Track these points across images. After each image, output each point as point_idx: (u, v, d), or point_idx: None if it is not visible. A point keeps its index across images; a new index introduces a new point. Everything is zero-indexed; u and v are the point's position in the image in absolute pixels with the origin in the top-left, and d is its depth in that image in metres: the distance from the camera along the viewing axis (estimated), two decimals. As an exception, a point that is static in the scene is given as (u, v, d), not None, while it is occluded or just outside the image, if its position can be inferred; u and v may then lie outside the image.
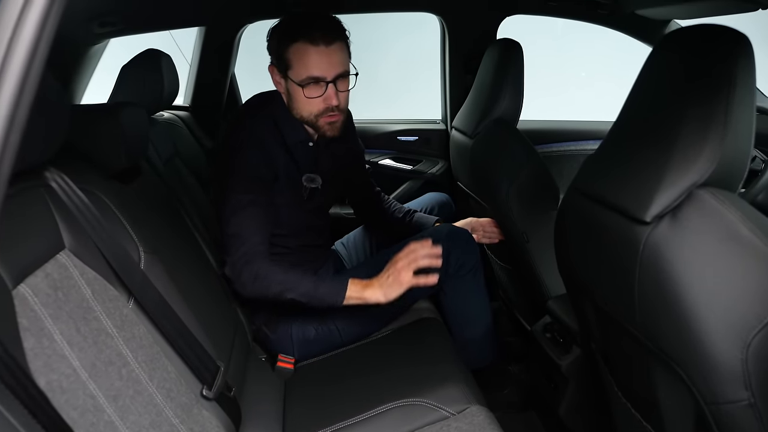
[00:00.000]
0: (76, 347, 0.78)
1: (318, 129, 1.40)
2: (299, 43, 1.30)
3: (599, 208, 0.86)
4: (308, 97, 1.34)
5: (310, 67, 1.31)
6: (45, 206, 0.84)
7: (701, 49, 0.77)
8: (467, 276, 1.54)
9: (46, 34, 0.46)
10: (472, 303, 1.58)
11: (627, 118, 0.89)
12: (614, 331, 0.95)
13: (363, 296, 1.31)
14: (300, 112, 1.38)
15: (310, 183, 1.45)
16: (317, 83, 1.33)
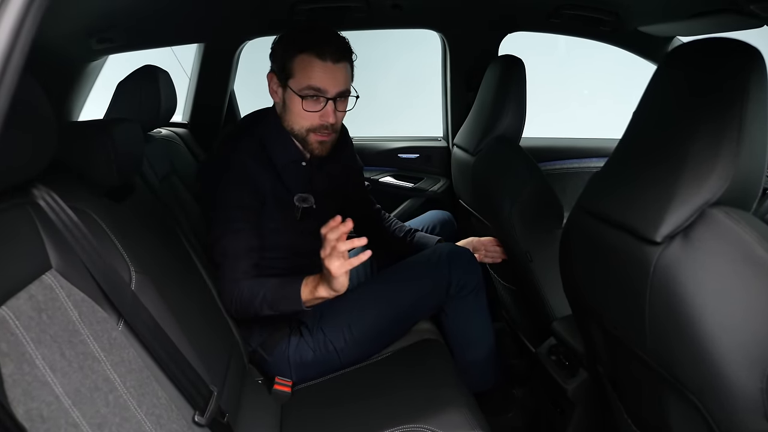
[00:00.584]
0: (59, 373, 0.74)
1: (306, 145, 1.38)
2: (306, 54, 1.30)
3: (606, 228, 0.83)
4: (306, 109, 1.32)
5: (313, 78, 1.30)
6: (31, 224, 0.81)
7: (711, 64, 0.74)
8: (469, 297, 1.51)
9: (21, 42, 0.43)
10: (474, 324, 1.55)
11: (633, 135, 0.86)
12: (623, 356, 0.92)
13: (318, 296, 1.23)
14: (291, 125, 1.37)
15: (302, 203, 1.42)
16: (317, 98, 1.32)
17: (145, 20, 1.53)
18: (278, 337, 1.43)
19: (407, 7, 1.81)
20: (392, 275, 1.52)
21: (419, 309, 1.51)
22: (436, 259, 1.50)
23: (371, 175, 2.23)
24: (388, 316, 1.46)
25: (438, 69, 2.26)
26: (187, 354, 1.01)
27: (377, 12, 1.82)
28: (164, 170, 1.61)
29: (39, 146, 0.78)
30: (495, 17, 1.96)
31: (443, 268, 1.48)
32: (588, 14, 1.82)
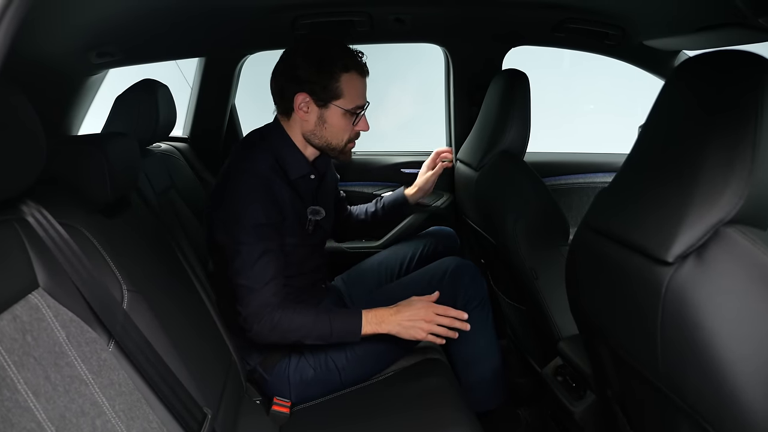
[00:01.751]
0: (43, 397, 0.71)
1: (342, 155, 1.44)
2: (352, 74, 1.35)
3: (614, 247, 0.80)
4: (355, 125, 1.40)
5: (362, 96, 1.39)
6: (17, 242, 0.78)
7: (722, 78, 0.71)
8: (474, 311, 1.48)
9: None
10: (479, 340, 1.52)
11: (642, 151, 0.83)
12: (633, 380, 0.88)
13: (378, 331, 1.32)
14: (329, 140, 1.40)
15: (315, 215, 1.44)
16: (359, 115, 1.40)
17: (144, 34, 1.52)
18: (278, 356, 1.40)
19: (410, 21, 1.80)
20: (396, 291, 1.49)
21: None
22: (441, 274, 1.48)
23: (374, 190, 2.21)
24: (391, 336, 1.42)
25: (441, 83, 2.24)
26: (180, 375, 0.98)
27: (380, 26, 1.80)
28: (163, 185, 1.59)
29: (25, 162, 0.76)
30: (498, 31, 1.94)
31: (448, 282, 1.46)
32: (592, 28, 1.80)
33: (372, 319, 1.31)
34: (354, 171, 2.22)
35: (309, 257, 1.47)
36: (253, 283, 1.26)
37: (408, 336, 1.31)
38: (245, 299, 1.27)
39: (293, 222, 1.38)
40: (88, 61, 1.52)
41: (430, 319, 1.30)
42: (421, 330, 1.30)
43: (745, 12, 1.23)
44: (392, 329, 1.31)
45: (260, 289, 1.26)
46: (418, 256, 1.75)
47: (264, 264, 1.27)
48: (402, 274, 1.73)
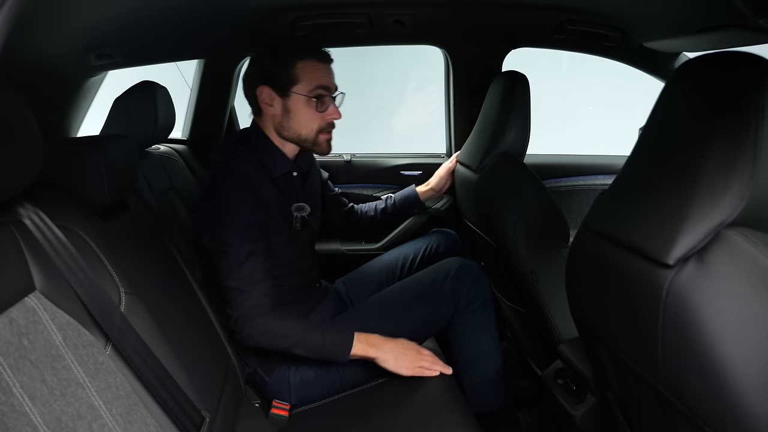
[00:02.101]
0: (39, 401, 0.71)
1: (316, 146, 1.42)
2: (308, 60, 1.35)
3: (614, 249, 0.79)
4: (318, 110, 1.37)
5: (322, 78, 1.36)
6: (14, 244, 0.78)
7: (723, 79, 0.71)
8: (477, 311, 1.49)
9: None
10: (481, 340, 1.52)
11: (642, 153, 0.83)
12: (634, 383, 0.87)
13: (367, 355, 1.32)
14: (299, 131, 1.39)
15: (300, 212, 1.43)
16: (323, 99, 1.37)
17: (144, 36, 1.52)
18: (278, 358, 1.39)
19: (410, 23, 1.79)
20: (400, 292, 1.50)
21: (427, 328, 1.49)
22: (444, 275, 1.48)
23: (374, 192, 2.20)
24: (394, 336, 1.42)
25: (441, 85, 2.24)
26: (178, 378, 0.98)
27: (379, 28, 1.80)
28: (162, 187, 1.58)
29: (22, 164, 0.75)
30: (498, 33, 1.94)
31: (452, 283, 1.47)
32: (592, 30, 1.80)
33: (363, 340, 1.32)
34: (354, 173, 2.21)
35: (300, 256, 1.47)
36: (243, 285, 1.26)
37: (392, 367, 1.32)
38: (235, 301, 1.27)
39: (280, 220, 1.38)
40: (88, 63, 1.51)
41: (417, 362, 1.34)
42: (406, 368, 1.33)
43: (746, 13, 1.23)
44: (380, 356, 1.32)
45: (250, 290, 1.26)
46: (420, 258, 1.75)
47: (252, 265, 1.27)
48: (403, 275, 1.73)
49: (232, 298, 1.27)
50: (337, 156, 2.25)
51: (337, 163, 2.21)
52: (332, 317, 1.50)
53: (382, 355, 1.32)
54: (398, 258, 1.77)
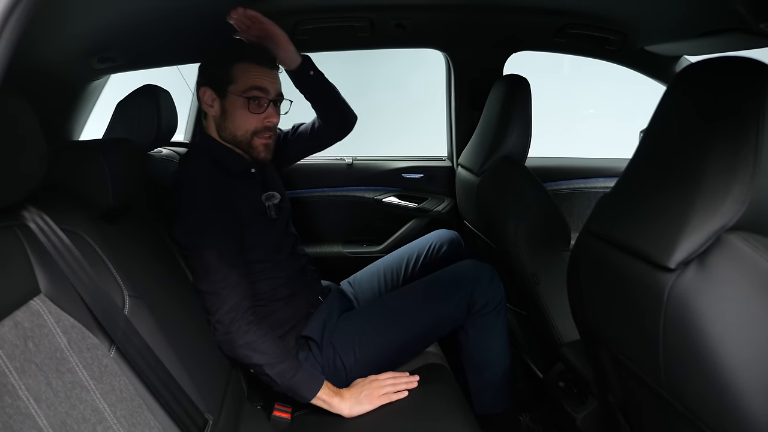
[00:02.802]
0: (44, 404, 0.71)
1: (251, 149, 1.40)
2: (245, 62, 1.34)
3: (616, 253, 0.79)
4: (251, 111, 1.35)
5: (256, 79, 1.34)
6: (19, 248, 0.78)
7: (723, 84, 0.71)
8: (490, 315, 1.49)
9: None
10: (492, 344, 1.52)
11: (644, 157, 0.83)
12: (635, 386, 0.88)
13: (330, 402, 1.29)
14: (234, 132, 1.38)
15: (271, 200, 1.44)
16: (259, 101, 1.35)
17: (146, 40, 1.52)
18: None
19: (411, 26, 1.80)
20: (412, 294, 1.50)
21: (437, 330, 1.49)
22: (459, 278, 1.48)
23: (375, 195, 2.21)
24: (404, 337, 1.44)
25: (442, 88, 2.24)
26: (182, 381, 0.98)
27: (380, 31, 1.81)
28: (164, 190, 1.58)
29: (26, 168, 0.76)
30: (499, 36, 1.95)
31: (466, 286, 1.46)
32: (593, 33, 1.80)
33: (330, 388, 1.30)
34: (355, 176, 2.22)
35: (283, 240, 1.47)
36: (218, 289, 1.25)
37: (362, 410, 1.29)
38: (212, 306, 1.25)
39: (252, 213, 1.38)
40: (90, 67, 1.52)
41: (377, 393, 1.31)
42: (375, 401, 1.30)
43: (747, 17, 1.24)
44: (342, 406, 1.29)
45: (226, 294, 1.24)
46: (423, 258, 1.75)
47: (225, 268, 1.26)
48: (408, 275, 1.73)
49: (208, 303, 1.26)
50: (339, 159, 2.25)
51: (338, 166, 2.22)
52: (339, 314, 1.49)
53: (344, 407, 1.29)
54: (402, 258, 1.77)
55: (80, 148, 1.06)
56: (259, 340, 1.25)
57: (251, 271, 1.36)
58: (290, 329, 1.41)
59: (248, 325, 1.25)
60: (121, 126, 1.43)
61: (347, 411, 1.29)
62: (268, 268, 1.40)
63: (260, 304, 1.38)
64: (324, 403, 1.29)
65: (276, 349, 1.27)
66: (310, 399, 1.28)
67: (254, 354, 1.25)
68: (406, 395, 1.32)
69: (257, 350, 1.25)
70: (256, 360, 1.25)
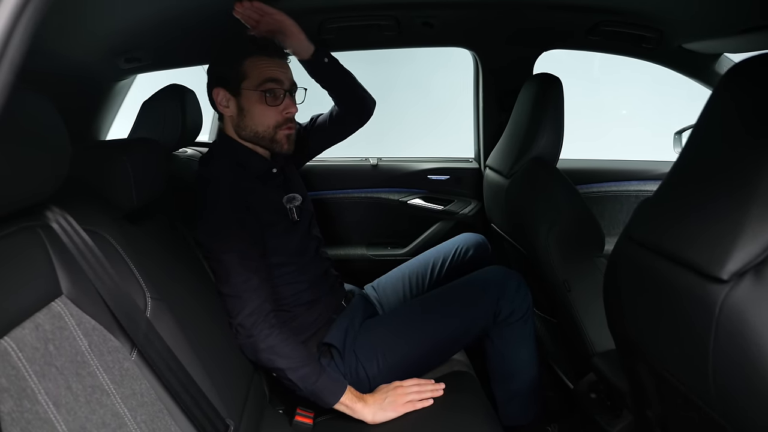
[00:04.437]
0: (63, 408, 0.69)
1: (275, 143, 1.38)
2: (254, 57, 1.32)
3: (662, 262, 0.74)
4: (269, 104, 1.33)
5: (269, 71, 1.32)
6: (41, 248, 0.77)
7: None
8: (517, 323, 1.44)
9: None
10: (519, 353, 1.47)
11: (691, 161, 0.78)
12: (678, 404, 0.82)
13: (353, 408, 1.27)
14: (255, 128, 1.36)
15: (293, 202, 1.41)
16: (275, 93, 1.33)
17: (172, 40, 1.52)
18: None
19: (438, 25, 1.76)
20: (437, 302, 1.46)
21: (462, 339, 1.45)
22: (485, 285, 1.43)
23: (400, 196, 2.17)
24: (428, 346, 1.40)
25: (467, 88, 2.20)
26: (203, 385, 0.96)
27: (407, 30, 1.77)
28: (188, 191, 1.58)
29: (49, 168, 0.74)
30: (530, 35, 1.90)
31: (492, 294, 1.42)
32: (629, 31, 1.74)
33: (354, 394, 1.28)
34: (380, 177, 2.19)
35: (305, 243, 1.44)
36: (239, 291, 1.23)
37: (386, 417, 1.27)
38: (233, 309, 1.24)
39: (273, 214, 1.36)
40: (116, 67, 1.52)
41: (402, 401, 1.28)
42: (399, 409, 1.27)
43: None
44: (365, 412, 1.26)
45: (248, 297, 1.23)
46: (449, 262, 1.71)
47: (246, 271, 1.24)
48: (433, 280, 1.69)
49: (229, 305, 1.24)
50: (363, 160, 2.23)
51: (363, 167, 2.19)
52: (362, 321, 1.46)
53: (368, 412, 1.27)
54: (427, 262, 1.73)
55: (104, 148, 1.05)
56: (281, 344, 1.23)
57: (273, 275, 1.34)
58: (312, 335, 1.39)
59: (270, 329, 1.23)
60: (146, 126, 1.42)
61: (370, 417, 1.26)
62: (290, 272, 1.37)
63: (282, 309, 1.36)
64: (347, 409, 1.26)
65: (298, 353, 1.25)
66: (333, 404, 1.26)
67: (276, 358, 1.23)
68: (431, 403, 1.28)
69: (279, 354, 1.23)
70: (279, 364, 1.23)
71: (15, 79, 0.40)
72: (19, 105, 0.69)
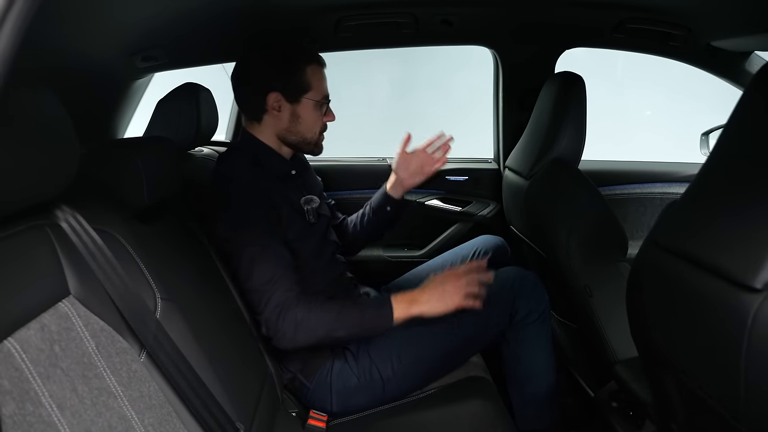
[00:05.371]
0: (68, 411, 0.68)
1: (315, 147, 1.45)
2: (313, 66, 1.37)
3: (691, 269, 0.70)
4: (324, 114, 1.41)
5: (325, 85, 1.41)
6: (49, 247, 0.76)
7: None
8: (533, 325, 1.41)
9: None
10: (535, 356, 1.44)
11: (720, 166, 0.74)
12: (706, 418, 0.78)
13: (410, 313, 1.28)
14: (305, 134, 1.40)
15: (310, 204, 1.42)
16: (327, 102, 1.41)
17: (188, 38, 1.51)
18: (319, 362, 1.36)
19: (458, 22, 1.73)
20: None
21: (478, 341, 1.42)
22: (500, 285, 1.40)
23: (417, 197, 2.14)
24: (443, 348, 1.37)
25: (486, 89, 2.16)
26: (213, 388, 0.94)
27: (425, 28, 1.74)
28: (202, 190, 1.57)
29: (58, 166, 0.73)
30: (552, 32, 1.85)
31: (507, 293, 1.39)
32: (655, 28, 1.68)
33: (402, 300, 1.28)
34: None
35: (321, 247, 1.44)
36: (263, 285, 1.23)
37: (443, 308, 1.27)
38: (259, 304, 1.23)
39: (291, 214, 1.35)
40: (133, 66, 1.52)
41: (458, 289, 1.29)
42: (452, 301, 1.28)
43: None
44: (424, 309, 1.28)
45: (271, 288, 1.22)
46: None
47: (270, 261, 1.24)
48: None
49: (255, 300, 1.24)
50: (381, 160, 2.20)
51: (380, 167, 2.17)
52: None
53: (426, 309, 1.27)
54: (444, 264, 1.70)
55: (116, 146, 1.04)
56: (311, 316, 1.23)
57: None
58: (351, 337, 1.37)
59: (294, 311, 1.22)
60: (161, 124, 1.42)
61: (429, 311, 1.28)
62: (304, 275, 1.35)
63: None
64: (406, 319, 1.28)
65: (331, 311, 1.25)
66: (391, 326, 1.27)
67: (316, 330, 1.23)
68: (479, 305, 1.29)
69: (316, 325, 1.23)
70: (321, 333, 1.24)
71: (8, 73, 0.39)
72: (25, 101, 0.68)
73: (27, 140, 0.67)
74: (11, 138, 0.65)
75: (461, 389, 1.36)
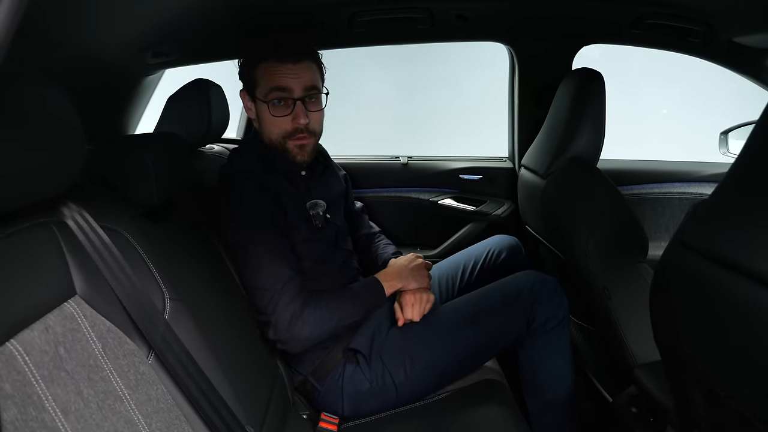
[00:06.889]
0: (72, 415, 0.66)
1: (287, 153, 1.35)
2: (267, 62, 1.29)
3: (724, 272, 0.67)
4: (274, 115, 1.30)
5: (277, 79, 1.28)
6: (54, 246, 0.74)
7: None
8: (552, 331, 1.36)
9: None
10: (554, 363, 1.39)
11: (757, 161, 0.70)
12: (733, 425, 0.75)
13: (395, 288, 1.37)
14: (269, 137, 1.35)
15: (316, 208, 1.39)
16: (284, 102, 1.30)
17: (199, 35, 1.49)
18: (331, 365, 1.33)
19: (473, 18, 1.69)
20: (467, 307, 1.39)
21: (493, 347, 1.39)
22: (518, 290, 1.36)
23: (430, 196, 2.11)
24: (457, 353, 1.34)
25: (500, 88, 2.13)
26: (222, 390, 0.92)
27: (441, 23, 1.71)
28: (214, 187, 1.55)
29: (64, 163, 0.71)
30: (569, 28, 1.81)
31: (525, 299, 1.34)
32: (674, 24, 1.64)
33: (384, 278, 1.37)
34: (410, 176, 2.13)
35: (330, 254, 1.41)
36: (271, 284, 1.20)
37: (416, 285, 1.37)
38: (267, 305, 1.21)
39: (296, 215, 1.33)
40: (144, 61, 1.50)
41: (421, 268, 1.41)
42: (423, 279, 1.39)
43: None
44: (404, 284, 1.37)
45: (280, 289, 1.20)
46: (481, 265, 1.64)
47: (277, 262, 1.22)
48: (464, 282, 1.63)
49: (261, 300, 1.21)
50: (394, 158, 2.17)
51: (393, 166, 2.14)
52: (389, 326, 1.41)
53: (405, 283, 1.37)
54: (458, 265, 1.67)
55: (124, 143, 1.02)
56: (315, 314, 1.22)
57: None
58: (337, 341, 1.34)
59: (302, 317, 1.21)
60: (171, 121, 1.40)
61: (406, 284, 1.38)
62: (311, 279, 1.33)
63: None
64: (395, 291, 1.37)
65: (330, 307, 1.25)
66: (386, 300, 1.36)
67: (322, 325, 1.24)
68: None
69: (322, 320, 1.23)
70: (329, 326, 1.25)
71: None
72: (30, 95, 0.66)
73: (31, 135, 0.65)
74: (14, 133, 0.63)
75: (477, 393, 1.33)
